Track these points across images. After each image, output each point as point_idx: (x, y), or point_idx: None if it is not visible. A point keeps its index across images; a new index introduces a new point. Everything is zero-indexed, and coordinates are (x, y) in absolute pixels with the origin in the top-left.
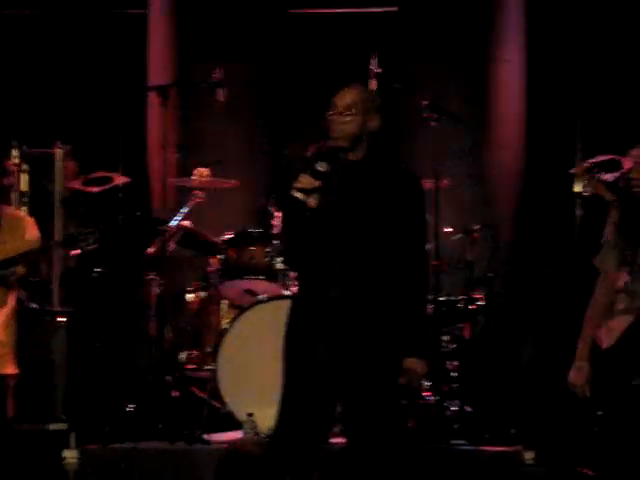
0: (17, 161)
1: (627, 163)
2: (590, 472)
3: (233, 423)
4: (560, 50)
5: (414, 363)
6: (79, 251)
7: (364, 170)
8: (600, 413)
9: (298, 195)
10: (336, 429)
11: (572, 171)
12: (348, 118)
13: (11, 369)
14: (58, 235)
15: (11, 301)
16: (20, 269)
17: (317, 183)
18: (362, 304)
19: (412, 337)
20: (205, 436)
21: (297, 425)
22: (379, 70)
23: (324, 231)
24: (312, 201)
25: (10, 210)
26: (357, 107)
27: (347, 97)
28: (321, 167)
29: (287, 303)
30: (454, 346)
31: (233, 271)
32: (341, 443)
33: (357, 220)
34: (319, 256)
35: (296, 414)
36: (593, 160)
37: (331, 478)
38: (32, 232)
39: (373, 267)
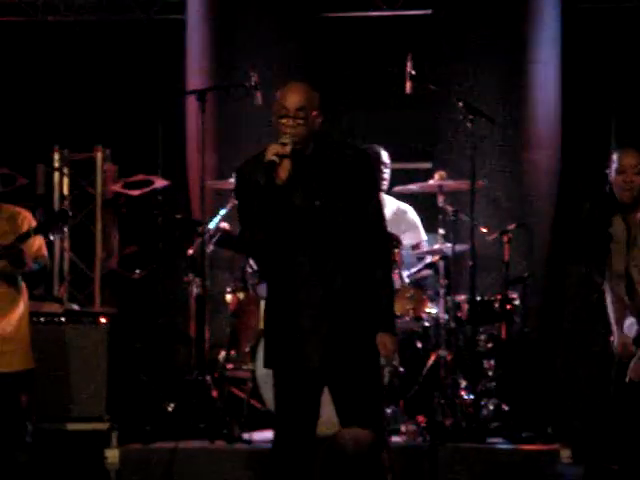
0: (58, 164)
1: None
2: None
3: (272, 422)
4: (595, 50)
5: (384, 337)
6: (52, 238)
7: (316, 164)
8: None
9: (274, 158)
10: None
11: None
12: (301, 121)
13: (24, 365)
14: (99, 237)
15: (23, 299)
16: (2, 263)
17: (287, 149)
18: (333, 291)
19: (381, 313)
20: (245, 435)
21: (291, 421)
22: (414, 72)
23: (292, 233)
24: (282, 172)
25: (8, 206)
26: (306, 108)
27: (296, 99)
28: (285, 140)
29: None
30: (490, 345)
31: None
32: None
33: (319, 203)
34: (289, 259)
35: (289, 417)
36: None
37: None
38: (30, 225)
39: (338, 250)
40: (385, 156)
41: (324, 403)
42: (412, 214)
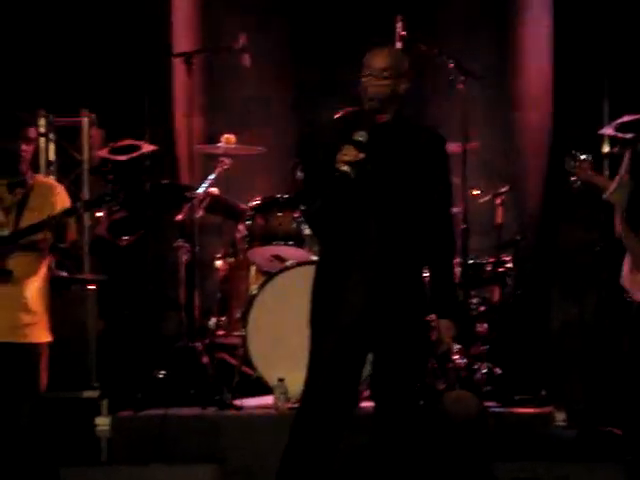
0: (44, 130)
1: None
2: (620, 432)
3: (264, 388)
4: (587, 8)
5: (446, 324)
6: (103, 213)
7: (393, 132)
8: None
9: (346, 169)
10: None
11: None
12: (384, 82)
13: (44, 337)
14: None
15: (43, 269)
16: (48, 234)
17: (362, 155)
18: (395, 266)
19: (444, 299)
20: (236, 402)
21: (326, 391)
22: (404, 32)
23: (361, 198)
24: (353, 173)
25: (41, 177)
26: (391, 70)
27: (382, 60)
28: (361, 137)
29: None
30: (483, 309)
31: (261, 237)
32: (370, 407)
33: (392, 183)
34: (354, 223)
35: (325, 379)
36: (621, 120)
37: (360, 440)
38: (63, 200)
39: (406, 230)
40: None
41: None
42: None
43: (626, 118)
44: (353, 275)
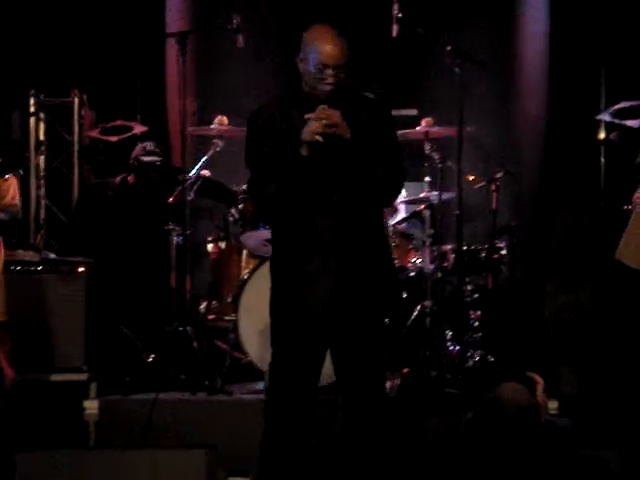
0: (33, 109)
1: None
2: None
3: (254, 373)
4: None
5: None
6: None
7: (336, 105)
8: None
9: (318, 138)
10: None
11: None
12: (341, 75)
13: None
14: (76, 184)
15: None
16: None
17: (331, 130)
18: (350, 245)
19: None
20: (227, 387)
21: (291, 374)
22: (401, 14)
23: (315, 175)
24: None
25: None
26: (346, 64)
27: (340, 55)
28: (325, 119)
29: None
30: (477, 296)
31: (253, 221)
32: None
33: (343, 154)
34: (303, 202)
35: (289, 364)
36: (618, 106)
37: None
38: (11, 194)
39: (359, 207)
40: None
41: None
42: None
43: (623, 104)
44: (314, 260)
